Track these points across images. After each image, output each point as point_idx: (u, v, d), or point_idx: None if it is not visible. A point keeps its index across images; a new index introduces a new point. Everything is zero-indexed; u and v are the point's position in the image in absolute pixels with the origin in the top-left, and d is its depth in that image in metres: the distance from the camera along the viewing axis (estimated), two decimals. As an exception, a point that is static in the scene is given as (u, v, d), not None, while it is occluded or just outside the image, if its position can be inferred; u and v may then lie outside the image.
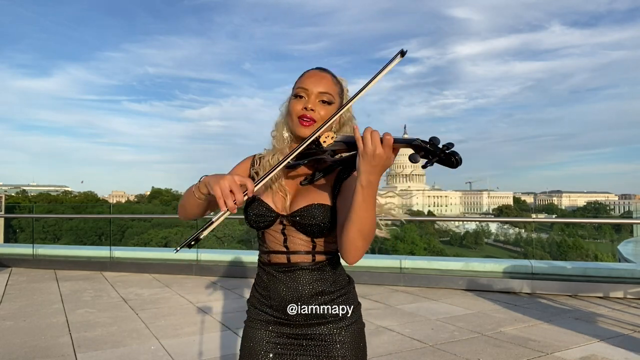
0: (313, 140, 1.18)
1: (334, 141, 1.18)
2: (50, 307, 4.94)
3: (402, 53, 1.13)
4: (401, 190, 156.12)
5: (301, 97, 1.27)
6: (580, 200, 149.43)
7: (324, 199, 1.25)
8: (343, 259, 1.18)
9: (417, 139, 0.97)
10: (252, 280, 1.41)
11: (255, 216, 1.28)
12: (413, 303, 5.21)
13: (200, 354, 3.50)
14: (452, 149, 0.94)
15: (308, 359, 1.26)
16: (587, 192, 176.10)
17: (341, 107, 1.24)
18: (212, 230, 1.04)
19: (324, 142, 1.19)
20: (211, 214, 1.25)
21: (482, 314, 4.70)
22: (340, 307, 1.28)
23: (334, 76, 1.32)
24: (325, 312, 1.26)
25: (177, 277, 6.68)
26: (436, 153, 0.95)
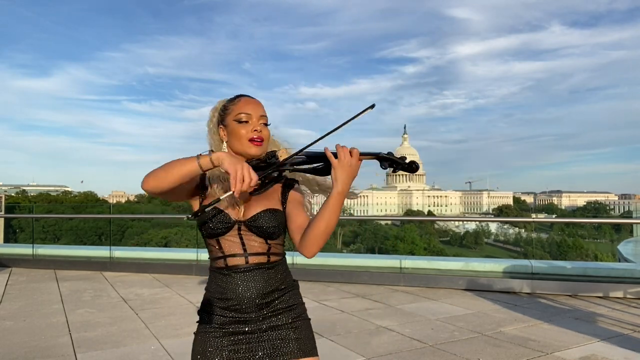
0: (276, 160, 1.39)
1: (296, 156, 1.36)
2: (50, 307, 4.94)
3: (373, 106, 1.30)
4: (401, 190, 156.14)
5: (246, 122, 1.41)
6: (580, 200, 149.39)
7: (275, 204, 1.43)
8: (302, 253, 1.35)
9: (381, 153, 1.27)
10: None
11: (215, 223, 1.39)
12: (413, 303, 5.21)
13: (200, 354, 3.50)
14: (409, 160, 1.27)
15: (264, 349, 1.38)
16: (587, 192, 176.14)
17: (320, 137, 1.32)
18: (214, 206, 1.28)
19: (280, 157, 1.39)
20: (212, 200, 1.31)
21: (482, 314, 4.70)
22: (290, 300, 1.43)
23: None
24: (278, 305, 1.41)
25: (177, 277, 6.68)
26: (400, 163, 1.27)
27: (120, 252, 7.90)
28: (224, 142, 1.45)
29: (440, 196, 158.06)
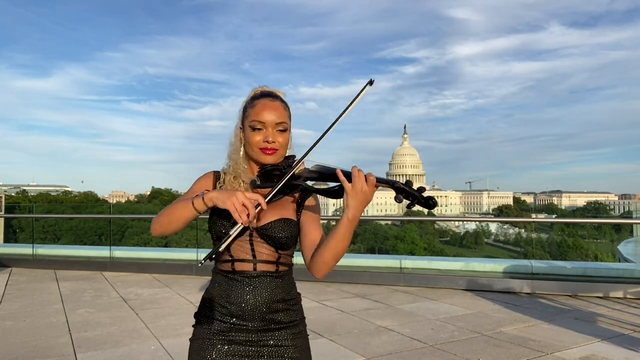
0: (291, 168, 1.32)
1: (310, 170, 1.31)
2: (50, 307, 4.94)
3: (371, 82, 1.26)
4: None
5: (259, 129, 1.35)
6: (580, 200, 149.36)
7: (289, 214, 1.37)
8: (312, 273, 1.32)
9: (397, 182, 1.15)
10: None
11: (227, 228, 1.30)
12: (413, 303, 5.21)
13: (200, 354, 3.50)
14: (427, 194, 1.13)
15: None
16: (587, 192, 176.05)
17: (322, 135, 1.29)
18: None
19: (297, 169, 1.34)
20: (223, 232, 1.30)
21: (482, 314, 4.70)
22: (294, 315, 1.38)
23: (282, 101, 1.40)
24: (282, 318, 1.35)
25: (177, 277, 6.68)
26: (416, 197, 1.13)
27: (120, 252, 7.90)
28: (242, 146, 1.40)
29: (440, 196, 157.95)
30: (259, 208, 1.17)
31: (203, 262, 1.19)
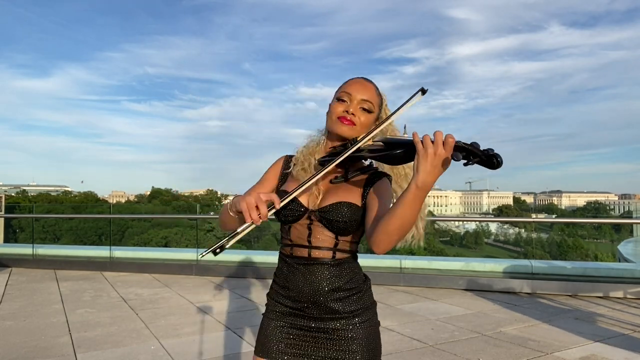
0: (346, 150, 1.25)
1: (373, 141, 1.25)
2: (50, 307, 4.94)
3: (423, 91, 1.21)
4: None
5: (344, 100, 1.33)
6: (580, 200, 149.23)
7: (353, 198, 1.31)
8: (372, 248, 1.19)
9: (474, 142, 1.02)
10: (252, 280, 1.44)
11: (287, 211, 1.32)
12: (413, 303, 5.21)
13: (201, 354, 3.50)
14: (493, 152, 0.99)
15: (320, 351, 1.31)
16: (587, 192, 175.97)
17: (374, 127, 1.29)
18: (237, 241, 1.14)
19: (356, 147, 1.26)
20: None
21: (482, 314, 4.70)
22: (355, 304, 1.34)
23: (377, 88, 1.38)
24: (340, 308, 1.31)
25: (177, 277, 6.68)
26: (476, 154, 0.99)
27: (120, 252, 7.90)
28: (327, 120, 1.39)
29: (440, 196, 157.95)
30: (272, 208, 1.13)
31: (203, 254, 1.15)
